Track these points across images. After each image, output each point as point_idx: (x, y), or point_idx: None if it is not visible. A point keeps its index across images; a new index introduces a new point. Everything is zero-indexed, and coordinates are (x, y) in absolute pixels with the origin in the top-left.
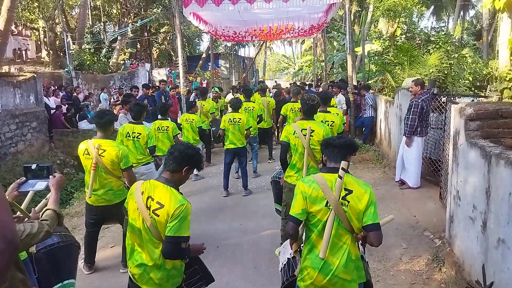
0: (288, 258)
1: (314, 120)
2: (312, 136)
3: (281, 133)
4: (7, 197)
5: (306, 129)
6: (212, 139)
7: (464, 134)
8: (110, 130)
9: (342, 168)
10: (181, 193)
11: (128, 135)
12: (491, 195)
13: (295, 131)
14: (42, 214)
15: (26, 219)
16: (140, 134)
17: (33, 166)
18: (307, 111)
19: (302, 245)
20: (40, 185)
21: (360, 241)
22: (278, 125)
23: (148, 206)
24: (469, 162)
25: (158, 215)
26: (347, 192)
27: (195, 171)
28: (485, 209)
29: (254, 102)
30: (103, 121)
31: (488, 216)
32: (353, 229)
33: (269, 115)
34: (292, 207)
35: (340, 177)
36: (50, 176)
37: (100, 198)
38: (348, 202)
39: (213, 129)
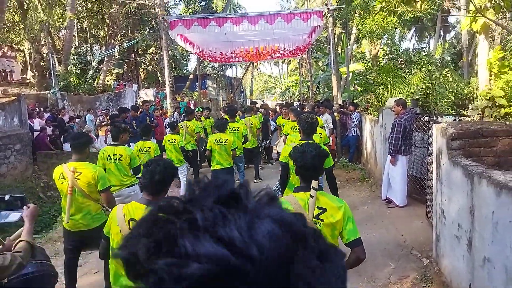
0: None
1: (313, 140)
2: None
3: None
4: None
5: None
6: (199, 159)
7: (447, 153)
8: (86, 153)
9: (313, 188)
10: None
11: (109, 157)
12: (475, 213)
13: None
14: (15, 246)
15: (1, 247)
16: (122, 155)
17: (7, 197)
18: (306, 130)
19: None
20: (13, 216)
21: None
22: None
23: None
24: (452, 181)
25: None
26: (320, 210)
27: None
28: (469, 228)
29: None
30: (78, 143)
31: (473, 235)
32: None
33: (253, 135)
34: None
35: (312, 197)
36: (24, 207)
37: (78, 223)
38: (322, 220)
39: (201, 148)
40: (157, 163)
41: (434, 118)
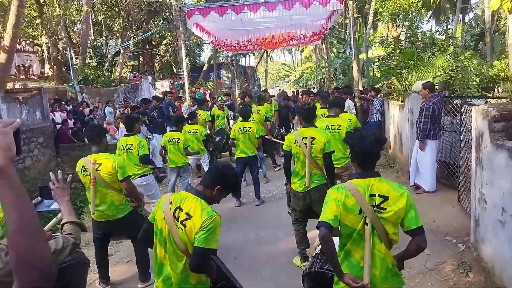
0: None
1: (315, 126)
2: (313, 144)
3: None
4: None
5: (306, 138)
6: (211, 148)
7: (489, 136)
8: (103, 143)
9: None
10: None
11: (122, 148)
12: None
13: (296, 140)
14: (61, 230)
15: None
16: (132, 145)
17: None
18: (306, 117)
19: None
20: (56, 205)
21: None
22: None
23: (177, 216)
24: (495, 164)
25: (185, 226)
26: (382, 199)
27: None
28: None
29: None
30: (93, 135)
31: None
32: (387, 236)
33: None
34: (324, 212)
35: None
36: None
37: (103, 213)
38: (385, 209)
39: (217, 139)
40: (225, 163)
41: (466, 101)
